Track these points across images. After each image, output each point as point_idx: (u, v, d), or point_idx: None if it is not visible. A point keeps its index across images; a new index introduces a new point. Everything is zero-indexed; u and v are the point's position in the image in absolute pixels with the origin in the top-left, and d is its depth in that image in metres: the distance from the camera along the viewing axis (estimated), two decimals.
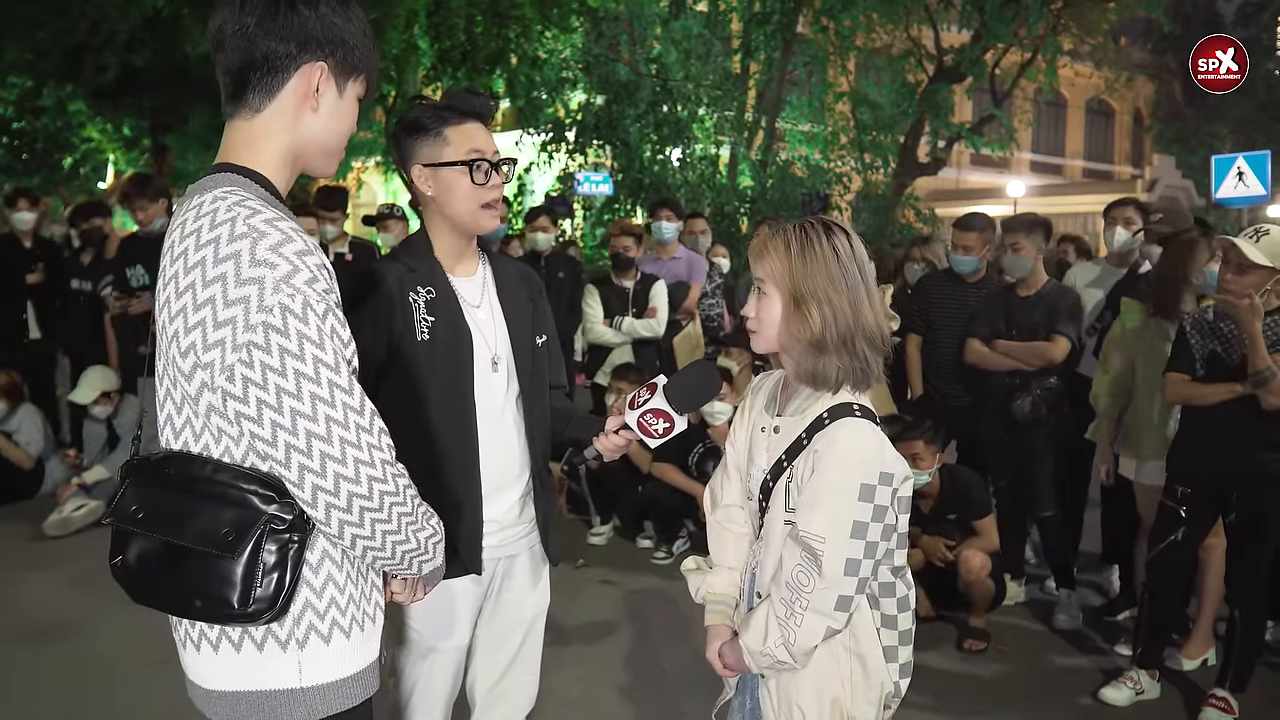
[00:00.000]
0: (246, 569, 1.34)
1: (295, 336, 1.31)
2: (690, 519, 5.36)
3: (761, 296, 1.87)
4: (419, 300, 2.05)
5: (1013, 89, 18.46)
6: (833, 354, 1.80)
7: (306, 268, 1.33)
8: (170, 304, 1.36)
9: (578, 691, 3.68)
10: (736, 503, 2.06)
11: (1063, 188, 30.85)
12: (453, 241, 2.13)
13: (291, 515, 1.36)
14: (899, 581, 1.89)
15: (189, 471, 1.39)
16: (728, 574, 2.04)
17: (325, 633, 1.43)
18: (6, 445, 5.94)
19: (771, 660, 1.81)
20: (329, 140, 1.52)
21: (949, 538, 4.24)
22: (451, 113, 2.04)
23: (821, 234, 1.82)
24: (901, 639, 1.89)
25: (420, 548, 1.45)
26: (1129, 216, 4.71)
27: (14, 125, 24.52)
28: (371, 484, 1.35)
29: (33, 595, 4.62)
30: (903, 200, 17.44)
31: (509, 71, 15.18)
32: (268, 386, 1.30)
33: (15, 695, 3.62)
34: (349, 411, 1.34)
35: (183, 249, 1.35)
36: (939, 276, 5.25)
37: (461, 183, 2.04)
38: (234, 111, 1.48)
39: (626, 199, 15.73)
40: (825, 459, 1.77)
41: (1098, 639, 4.30)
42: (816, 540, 1.74)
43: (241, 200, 1.37)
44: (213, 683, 1.45)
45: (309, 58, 1.44)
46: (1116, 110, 34.46)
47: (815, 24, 16.82)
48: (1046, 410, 4.35)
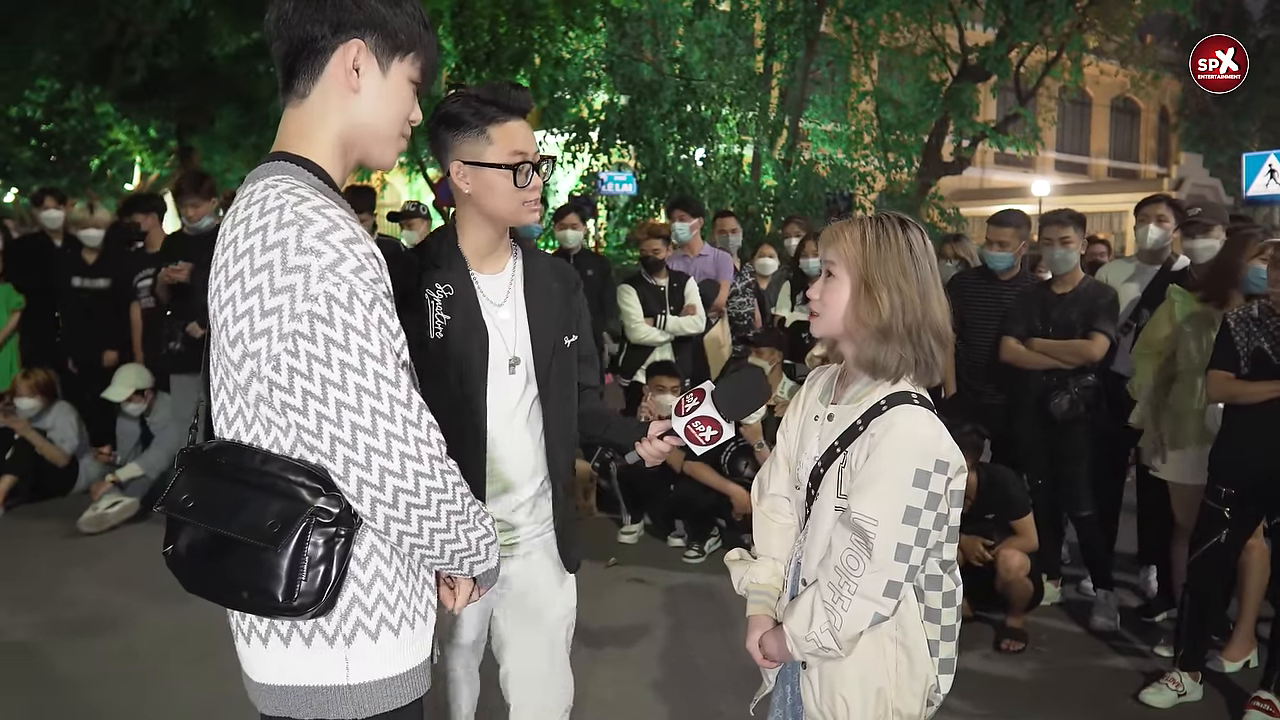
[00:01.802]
0: (291, 562, 1.32)
1: (341, 326, 1.29)
2: (722, 518, 5.34)
3: (829, 279, 1.87)
4: (436, 297, 2.02)
5: (1037, 87, 18.33)
6: (896, 343, 1.80)
7: (354, 255, 1.31)
8: (220, 292, 1.35)
9: (613, 693, 3.67)
10: (783, 493, 2.05)
11: (1088, 187, 30.63)
12: (485, 236, 2.09)
13: (338, 508, 1.34)
14: (947, 576, 1.87)
15: (239, 462, 1.38)
16: (771, 564, 2.03)
17: (373, 630, 1.41)
18: (41, 442, 5.99)
19: (816, 646, 1.80)
20: (379, 124, 1.49)
21: (987, 537, 4.21)
22: (495, 109, 1.99)
23: (897, 226, 1.84)
24: (944, 634, 1.87)
25: (471, 548, 1.43)
26: (1161, 214, 4.65)
27: (43, 127, 24.77)
28: (419, 479, 1.33)
29: (67, 591, 4.65)
30: (927, 200, 17.36)
31: (533, 72, 15.20)
32: (313, 377, 1.29)
33: (51, 691, 3.64)
34: (395, 405, 1.31)
35: (233, 236, 1.34)
36: (972, 274, 5.21)
37: (503, 184, 2.00)
38: (287, 99, 1.48)
39: (650, 199, 15.74)
40: (882, 443, 1.76)
41: (1136, 640, 4.25)
42: (869, 522, 1.73)
43: (291, 188, 1.35)
44: (262, 675, 1.45)
45: (345, 37, 1.43)
46: (1142, 108, 34.18)
47: (839, 23, 16.78)
48: (1084, 409, 4.30)
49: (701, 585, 4.82)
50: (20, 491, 5.91)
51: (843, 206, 13.24)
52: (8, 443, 5.94)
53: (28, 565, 4.99)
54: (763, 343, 5.79)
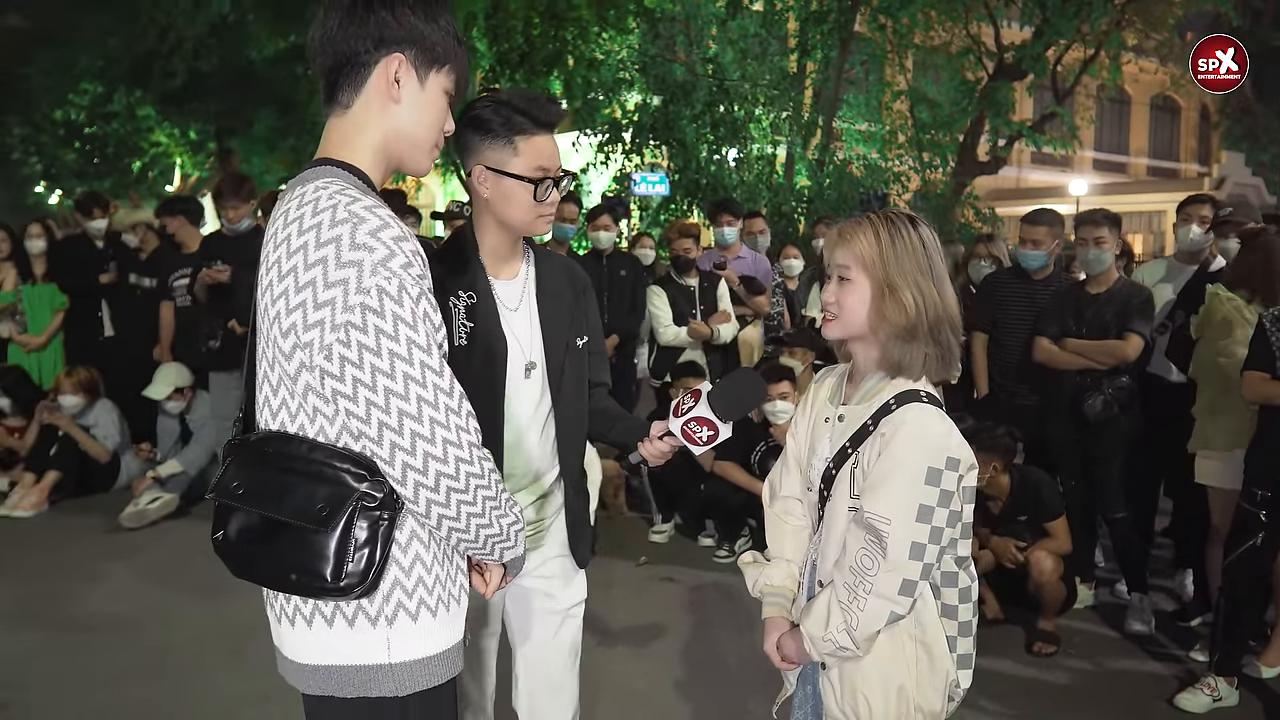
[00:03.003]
0: (339, 544, 1.39)
1: (390, 318, 1.35)
2: (753, 518, 5.34)
3: (845, 283, 1.86)
4: (459, 305, 2.05)
5: (1075, 86, 18.09)
6: (921, 341, 1.81)
7: (402, 252, 1.38)
8: (273, 287, 1.42)
9: (643, 685, 3.69)
10: (795, 495, 2.06)
11: (1127, 186, 30.21)
12: (500, 241, 2.11)
13: (382, 493, 1.41)
14: (963, 572, 1.88)
15: (286, 450, 1.45)
16: (785, 566, 2.04)
17: (413, 610, 1.48)
18: (85, 439, 6.12)
19: (834, 646, 1.81)
20: (417, 132, 1.57)
21: (1019, 539, 4.18)
22: (525, 120, 2.00)
23: (908, 223, 1.85)
24: (961, 630, 1.88)
25: (503, 533, 1.49)
26: (1204, 215, 4.60)
27: (86, 130, 25.26)
28: (459, 464, 1.39)
29: (108, 586, 4.75)
30: (962, 200, 17.21)
31: (566, 73, 15.27)
32: (363, 366, 1.35)
33: (90, 683, 3.71)
34: (439, 393, 1.38)
35: (285, 235, 1.41)
36: (1005, 274, 5.18)
37: (523, 196, 2.02)
38: (330, 110, 1.56)
39: (683, 199, 15.73)
40: (892, 443, 1.77)
41: (1171, 645, 4.21)
42: (882, 521, 1.74)
43: (341, 189, 1.43)
44: (305, 656, 1.50)
45: (386, 51, 1.51)
46: (1182, 106, 33.64)
47: (873, 22, 16.66)
48: (1118, 409, 4.26)
49: (732, 585, 4.83)
50: (64, 487, 6.05)
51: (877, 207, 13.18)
52: (52, 439, 6.08)
53: (70, 559, 5.10)
54: (795, 343, 5.79)
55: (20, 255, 6.83)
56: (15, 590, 4.63)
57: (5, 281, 6.75)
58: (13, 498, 5.92)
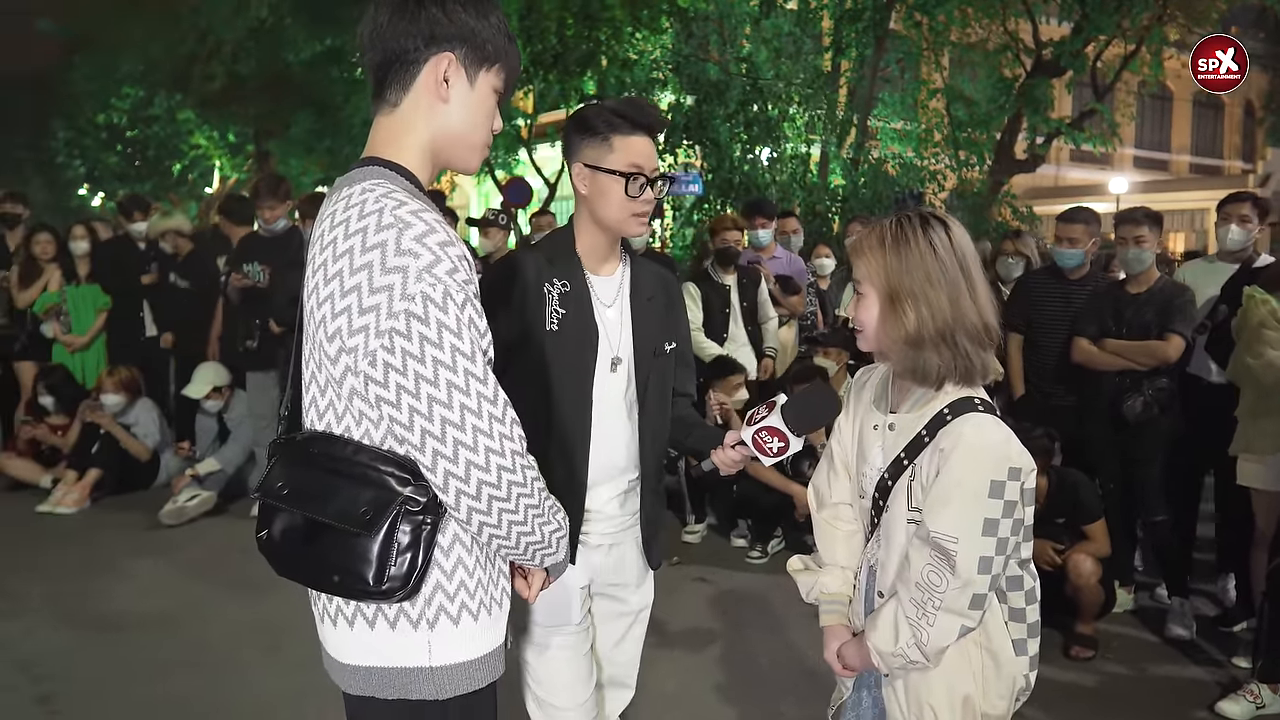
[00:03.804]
0: (382, 547, 1.39)
1: (435, 325, 1.35)
2: (785, 520, 5.32)
3: (859, 298, 1.85)
4: (553, 291, 2.11)
5: (1115, 82, 17.81)
6: (930, 351, 1.76)
7: (448, 258, 1.37)
8: (319, 290, 1.42)
9: (674, 686, 3.69)
10: (845, 500, 2.02)
11: (1168, 184, 29.71)
12: (597, 240, 2.18)
13: (425, 498, 1.41)
14: (1025, 574, 1.85)
15: (331, 452, 1.45)
16: (840, 573, 2.01)
17: (455, 614, 1.47)
18: (125, 437, 6.22)
19: (904, 660, 1.79)
20: (465, 131, 1.56)
21: (1057, 541, 4.13)
22: (624, 121, 2.09)
23: (918, 228, 1.78)
24: (1030, 631, 1.86)
25: (544, 540, 1.48)
26: (1244, 214, 4.50)
27: (127, 134, 25.72)
28: (500, 473, 1.38)
29: (148, 582, 4.82)
30: (999, 198, 17.00)
31: (599, 73, 15.28)
32: (407, 372, 1.35)
33: (131, 677, 3.77)
34: (483, 400, 1.37)
35: (332, 237, 1.41)
36: (1040, 274, 5.12)
37: (616, 191, 2.09)
38: (378, 107, 1.55)
39: (716, 199, 15.69)
40: (952, 457, 1.73)
41: (1213, 650, 4.14)
42: (949, 540, 1.71)
43: (389, 192, 1.42)
44: (348, 657, 1.50)
45: (437, 49, 1.50)
46: (1226, 103, 33.03)
47: (908, 19, 16.51)
48: (1158, 411, 4.19)
49: (763, 586, 4.81)
50: (106, 484, 6.15)
51: (912, 205, 13.07)
52: (94, 438, 6.19)
53: (111, 555, 5.18)
54: (830, 343, 5.75)
55: (65, 257, 6.96)
56: (58, 585, 4.71)
57: (51, 282, 6.88)
58: (56, 494, 6.03)
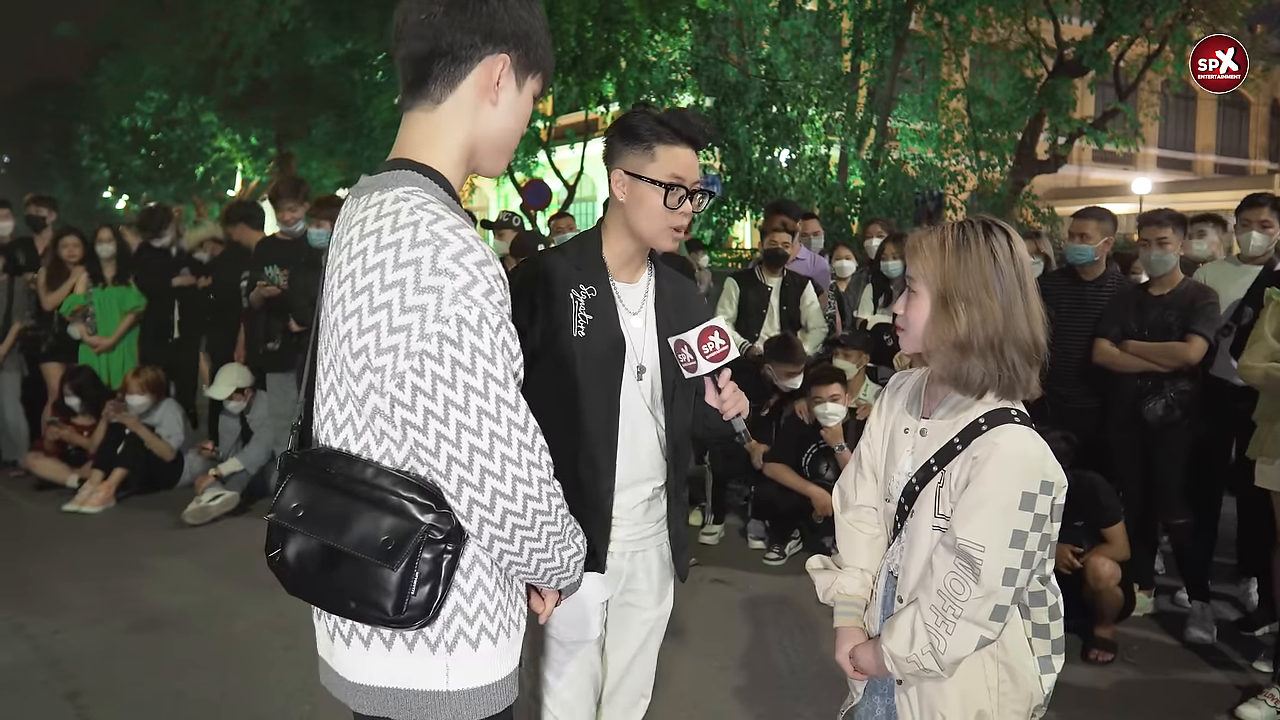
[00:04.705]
0: (402, 578, 1.34)
1: (469, 350, 1.30)
2: (803, 521, 5.32)
3: (911, 296, 1.83)
4: (580, 297, 2.11)
5: (1138, 82, 17.68)
6: (977, 358, 1.74)
7: (485, 279, 1.32)
8: (345, 302, 1.35)
9: (690, 686, 3.70)
10: (870, 503, 2.01)
11: (1192, 184, 29.43)
12: (626, 247, 2.17)
13: (449, 526, 1.36)
14: (1047, 590, 1.84)
15: (350, 472, 1.39)
16: (860, 575, 2.00)
17: (474, 638, 1.43)
18: (150, 438, 6.29)
19: (917, 667, 1.77)
20: (503, 137, 1.51)
21: (1076, 544, 4.11)
22: (668, 131, 2.08)
23: (980, 234, 1.77)
24: (1054, 648, 1.85)
25: (563, 566, 1.45)
26: (1264, 219, 4.46)
27: (151, 137, 26.00)
28: (527, 502, 1.34)
29: (171, 580, 4.88)
30: (1020, 199, 16.91)
31: (619, 75, 15.31)
32: (436, 397, 1.30)
33: (155, 673, 3.82)
34: (513, 428, 1.33)
35: (361, 248, 1.35)
36: (1056, 275, 5.10)
37: (654, 201, 2.08)
38: (413, 103, 1.47)
39: (735, 200, 15.68)
40: (986, 466, 1.72)
41: (1234, 655, 4.11)
42: (975, 549, 1.70)
43: (424, 204, 1.35)
44: (360, 676, 1.46)
45: (493, 49, 1.43)
46: (1251, 102, 32.69)
47: (929, 20, 16.43)
48: (1180, 413, 4.17)
49: (781, 587, 4.82)
50: (130, 484, 6.22)
51: (932, 206, 13.01)
52: (119, 438, 6.26)
53: (135, 554, 5.24)
54: (850, 345, 5.74)
55: (91, 259, 7.04)
56: (83, 583, 4.77)
57: (77, 285, 6.97)
58: (82, 494, 6.10)
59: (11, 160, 43.19)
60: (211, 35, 16.60)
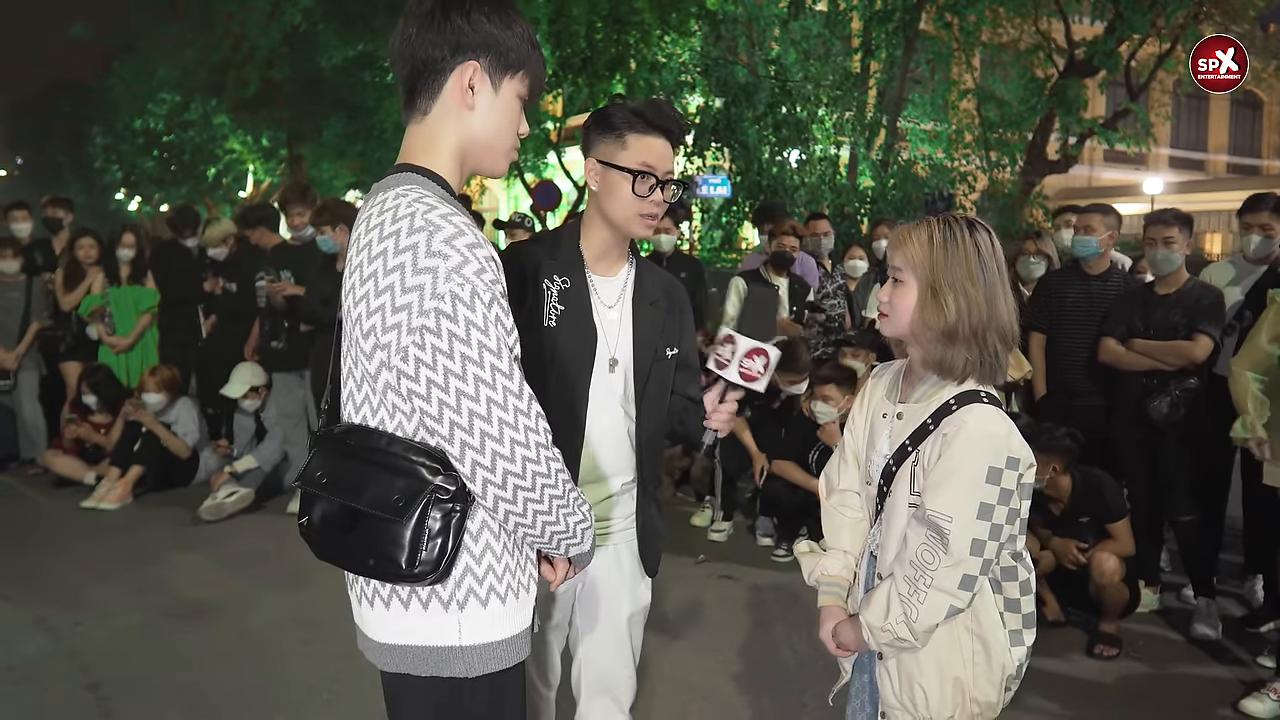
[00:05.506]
0: (414, 533, 1.46)
1: (463, 323, 1.42)
2: (811, 518, 5.36)
3: (897, 284, 1.92)
4: (553, 288, 2.13)
5: (1149, 82, 17.63)
6: (962, 345, 1.85)
7: (476, 259, 1.45)
8: (355, 290, 1.50)
9: (699, 679, 3.75)
10: (852, 488, 2.11)
11: (1204, 184, 29.34)
12: (604, 237, 2.18)
13: (455, 486, 1.48)
14: (1019, 565, 1.92)
15: (367, 443, 1.53)
16: (842, 557, 2.10)
17: (483, 597, 1.55)
18: (166, 435, 6.36)
19: (892, 636, 1.86)
20: (491, 136, 1.62)
21: (1081, 540, 4.15)
22: (640, 120, 2.10)
23: (965, 229, 1.88)
24: (1025, 622, 1.92)
25: (569, 531, 1.56)
26: (1265, 222, 4.45)
27: (164, 138, 26.14)
28: (526, 463, 1.46)
29: (188, 576, 4.94)
30: (1031, 199, 16.89)
31: (629, 76, 15.38)
32: (436, 368, 1.42)
33: (170, 667, 3.89)
34: (509, 395, 1.45)
35: (367, 241, 1.49)
36: (1062, 273, 5.13)
37: (623, 188, 2.09)
38: (409, 116, 1.62)
39: (744, 201, 15.73)
40: (954, 442, 1.81)
41: (1239, 650, 4.13)
42: (943, 519, 1.78)
43: (420, 197, 1.49)
44: (383, 636, 1.59)
45: (462, 58, 1.57)
46: (1264, 101, 32.61)
47: (939, 20, 16.43)
48: (1185, 411, 4.20)
49: (790, 583, 4.86)
50: (147, 481, 6.30)
51: (942, 207, 13.02)
52: (136, 436, 6.34)
53: (152, 550, 5.31)
54: (859, 344, 5.78)
55: (108, 260, 7.13)
56: (102, 578, 4.84)
57: (94, 285, 7.07)
58: (99, 491, 6.19)
59: (25, 161, 43.47)
60: (224, 37, 16.74)
